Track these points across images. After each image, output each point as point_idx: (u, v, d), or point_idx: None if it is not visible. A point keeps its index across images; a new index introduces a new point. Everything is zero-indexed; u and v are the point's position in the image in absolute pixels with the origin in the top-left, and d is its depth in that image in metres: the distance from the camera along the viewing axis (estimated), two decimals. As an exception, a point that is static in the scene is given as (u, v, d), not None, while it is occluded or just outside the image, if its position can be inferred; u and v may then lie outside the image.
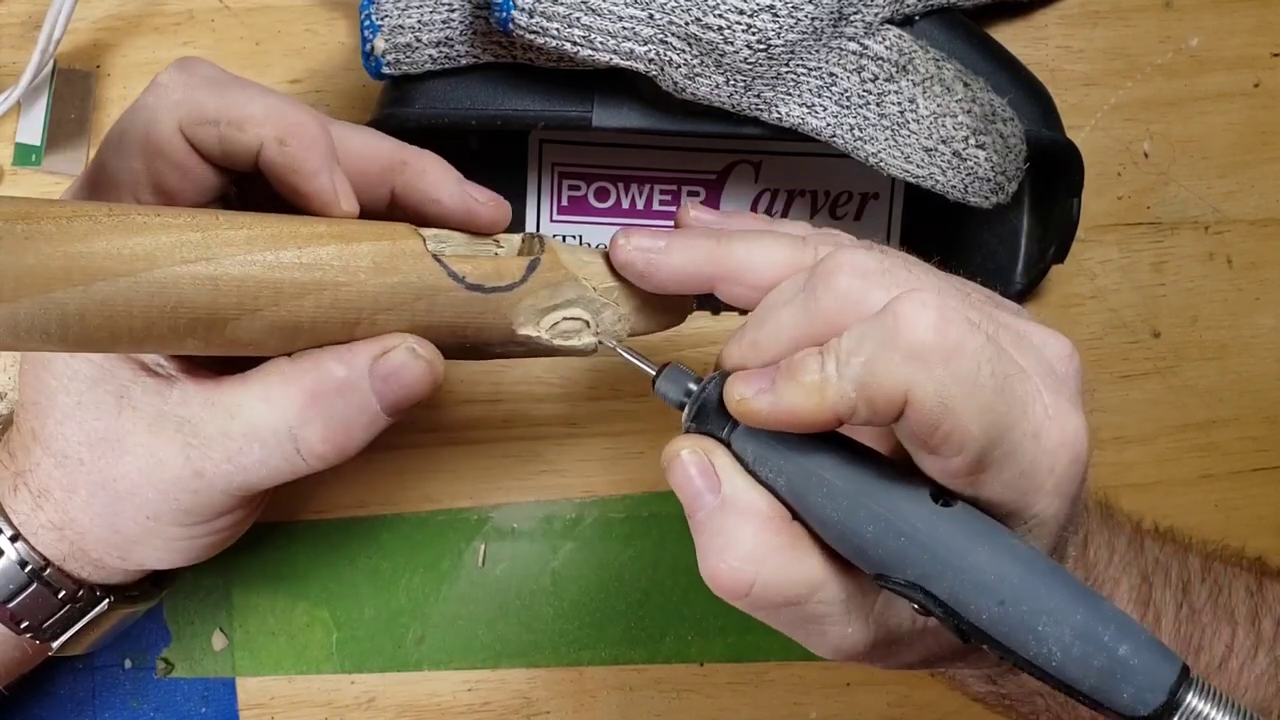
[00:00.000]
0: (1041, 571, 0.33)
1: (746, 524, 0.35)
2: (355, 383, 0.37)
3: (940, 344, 0.32)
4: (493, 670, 0.56)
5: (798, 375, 0.33)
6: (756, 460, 0.36)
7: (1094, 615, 0.32)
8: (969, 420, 0.32)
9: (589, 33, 0.44)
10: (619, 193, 0.52)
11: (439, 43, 0.47)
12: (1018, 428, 0.33)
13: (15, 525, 0.40)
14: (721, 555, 0.35)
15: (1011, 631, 0.32)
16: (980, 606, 0.32)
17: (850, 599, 0.35)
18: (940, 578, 0.33)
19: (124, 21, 0.51)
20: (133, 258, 0.34)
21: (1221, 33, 0.55)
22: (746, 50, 0.43)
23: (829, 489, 0.34)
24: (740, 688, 0.57)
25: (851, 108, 0.46)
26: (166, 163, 0.37)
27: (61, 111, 0.50)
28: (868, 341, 0.32)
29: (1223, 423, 0.58)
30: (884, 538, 0.33)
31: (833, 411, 0.33)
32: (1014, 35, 0.54)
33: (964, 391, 0.32)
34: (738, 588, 0.35)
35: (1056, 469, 0.34)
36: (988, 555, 0.33)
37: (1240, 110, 0.56)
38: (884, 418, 0.33)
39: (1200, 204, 0.56)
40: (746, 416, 0.34)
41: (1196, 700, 0.32)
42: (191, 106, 0.37)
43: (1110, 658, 0.32)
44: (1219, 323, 0.57)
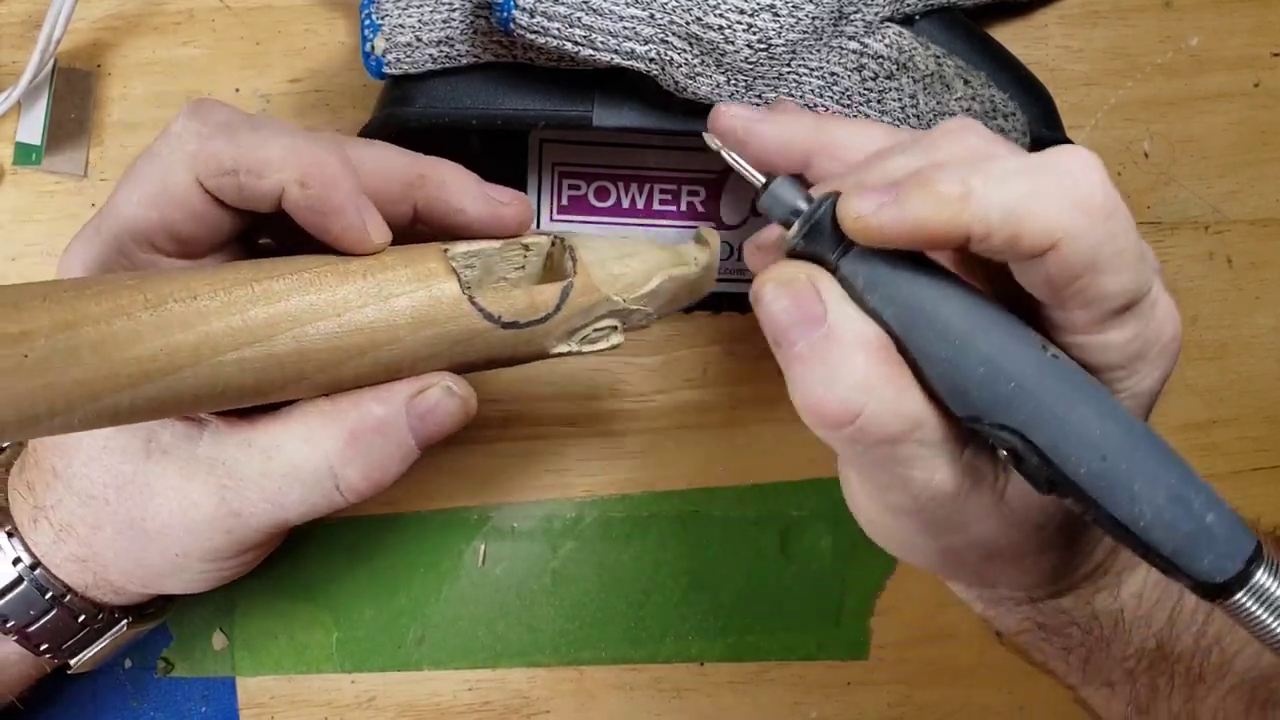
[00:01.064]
0: (1141, 433, 0.33)
1: (857, 353, 0.33)
2: (393, 421, 0.37)
3: (1105, 202, 0.32)
4: (493, 670, 0.56)
5: (933, 184, 0.32)
6: (867, 286, 0.34)
7: (1187, 481, 0.33)
8: (1109, 279, 0.32)
9: (590, 32, 0.44)
10: (619, 192, 0.52)
11: (439, 42, 0.47)
12: (1145, 295, 0.33)
13: (36, 555, 0.41)
14: (829, 385, 0.33)
15: (1109, 488, 0.32)
16: (1081, 459, 0.32)
17: (945, 442, 0.35)
18: (1044, 426, 0.32)
19: (124, 21, 0.51)
20: (177, 355, 0.34)
21: (1221, 32, 0.55)
22: (747, 50, 0.43)
23: (941, 324, 0.33)
24: (740, 687, 0.57)
25: (853, 106, 0.46)
26: (184, 213, 0.37)
27: (62, 111, 0.50)
28: (1030, 177, 0.32)
29: (1223, 423, 0.58)
30: (992, 380, 0.33)
31: (966, 228, 0.32)
32: (1014, 35, 0.54)
33: (1113, 250, 0.32)
34: (843, 417, 0.33)
35: (1162, 340, 0.35)
36: (1093, 410, 0.33)
37: (1240, 110, 0.56)
38: (1017, 253, 0.32)
39: (1200, 204, 0.56)
40: (863, 232, 0.33)
41: (1266, 577, 0.33)
42: (207, 158, 0.36)
43: (1197, 524, 0.32)
44: (1219, 322, 0.57)
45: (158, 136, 0.37)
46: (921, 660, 0.57)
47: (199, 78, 0.51)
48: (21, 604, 0.41)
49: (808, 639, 0.56)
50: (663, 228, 0.53)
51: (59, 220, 0.51)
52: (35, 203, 0.51)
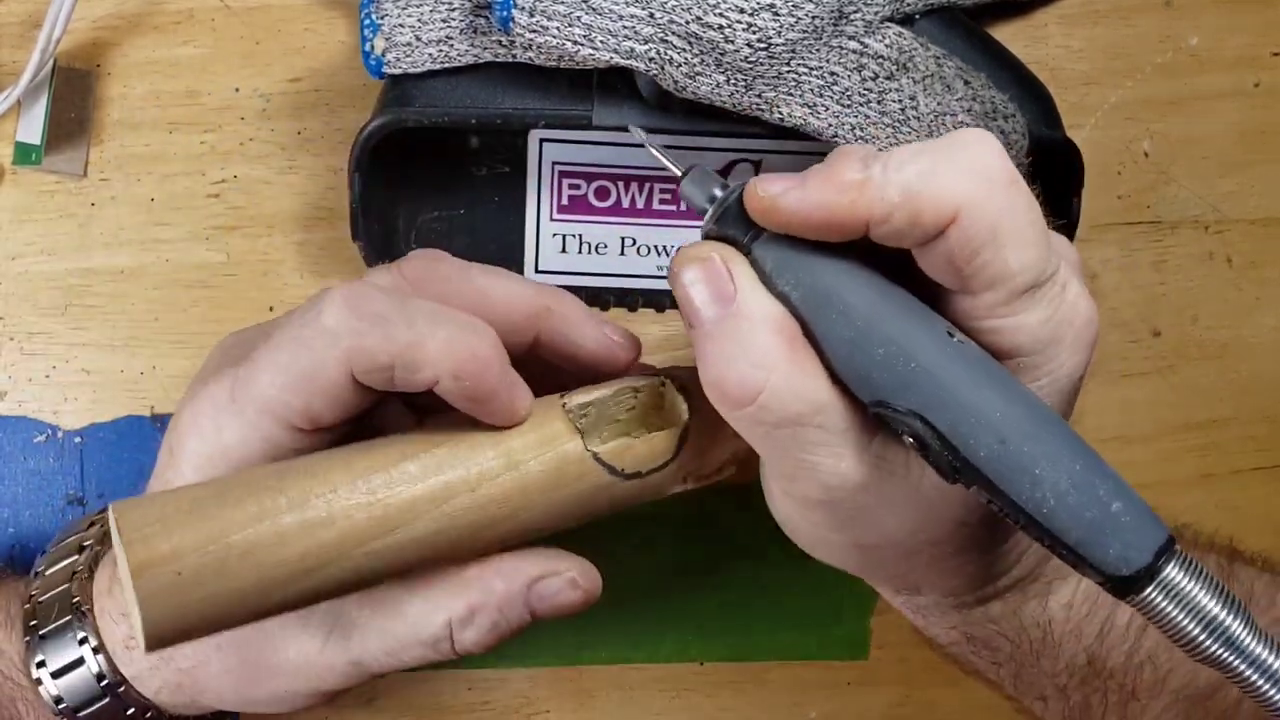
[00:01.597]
0: (1046, 418, 0.33)
1: (761, 330, 0.34)
2: (515, 599, 0.39)
3: (1004, 171, 0.32)
4: (493, 670, 0.56)
5: (835, 172, 0.33)
6: (775, 269, 0.35)
7: (1092, 468, 0.32)
8: (1012, 254, 0.32)
9: (589, 32, 0.44)
10: (619, 192, 0.52)
11: (439, 41, 0.47)
12: (1051, 275, 0.33)
13: (124, 674, 0.40)
14: (732, 361, 0.34)
15: (1008, 471, 0.32)
16: (980, 442, 0.32)
17: (850, 429, 0.35)
18: (944, 408, 0.32)
19: (124, 20, 0.51)
20: (323, 553, 0.35)
21: (1221, 32, 0.55)
22: (747, 49, 0.43)
23: (844, 306, 0.34)
24: (740, 687, 0.56)
25: (853, 106, 0.46)
26: (328, 401, 0.37)
27: (61, 110, 0.50)
28: (926, 155, 0.32)
29: (1223, 422, 0.57)
30: (893, 361, 0.33)
31: (867, 213, 0.32)
32: (1014, 34, 0.54)
33: (1015, 224, 0.32)
34: (745, 394, 0.34)
35: (1076, 324, 0.34)
36: (995, 393, 0.32)
37: (1240, 110, 0.56)
38: (920, 233, 0.32)
39: (1200, 203, 0.56)
40: (768, 214, 0.34)
41: (1177, 571, 0.32)
42: (363, 355, 0.36)
43: (1103, 512, 0.31)
44: (1219, 322, 0.57)
45: (307, 321, 0.37)
46: (922, 660, 0.57)
47: (199, 77, 0.51)
48: (81, 688, 0.41)
49: (808, 639, 0.56)
50: (662, 227, 0.53)
51: (58, 220, 0.51)
52: (35, 202, 0.51)
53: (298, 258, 0.52)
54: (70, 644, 0.41)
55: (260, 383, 0.37)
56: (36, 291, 0.52)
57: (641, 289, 0.53)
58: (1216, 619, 0.31)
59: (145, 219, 0.52)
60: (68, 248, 0.52)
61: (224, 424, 0.38)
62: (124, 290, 0.52)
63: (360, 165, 0.47)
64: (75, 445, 0.52)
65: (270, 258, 0.52)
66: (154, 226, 0.52)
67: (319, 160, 0.52)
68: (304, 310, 0.38)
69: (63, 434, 0.52)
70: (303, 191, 0.52)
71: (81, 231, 0.52)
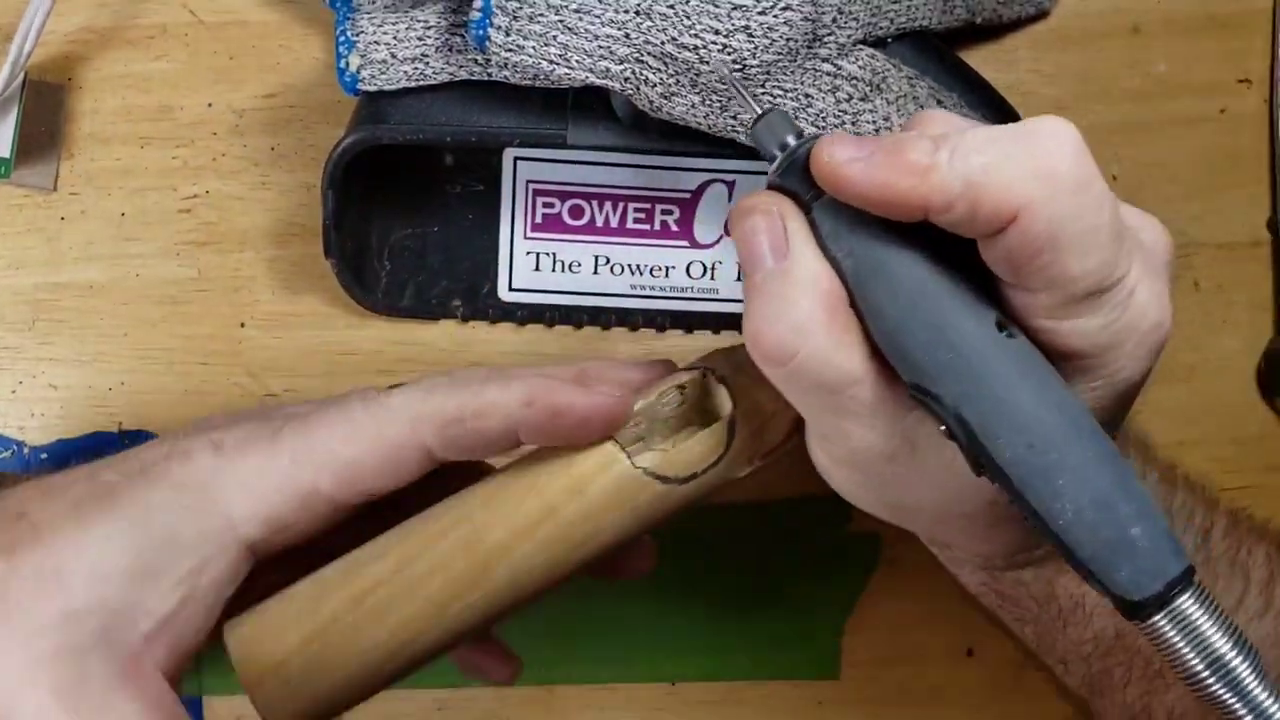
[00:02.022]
0: (1081, 428, 0.32)
1: (805, 295, 0.33)
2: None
3: (1075, 173, 0.31)
4: (463, 689, 0.55)
5: (903, 151, 0.31)
6: (831, 234, 0.34)
7: (1118, 486, 0.31)
8: (1074, 260, 0.31)
9: (565, 51, 0.44)
10: (593, 210, 0.53)
11: (414, 59, 0.47)
12: (1118, 281, 0.32)
13: None
14: (773, 320, 0.33)
15: (1030, 477, 0.31)
16: (1007, 443, 0.31)
17: (883, 405, 0.34)
18: (976, 401, 0.32)
19: (96, 34, 0.51)
20: (411, 625, 0.37)
21: (1188, 59, 0.56)
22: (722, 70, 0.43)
23: (895, 282, 0.33)
24: (712, 707, 0.56)
25: (827, 128, 0.46)
26: (383, 460, 0.37)
27: (32, 124, 0.50)
28: (997, 145, 0.31)
29: (1191, 444, 0.58)
30: (934, 347, 0.32)
31: (926, 199, 0.31)
32: (985, 59, 0.54)
33: (1080, 229, 0.31)
34: (780, 355, 0.34)
35: (1140, 330, 0.33)
36: (1032, 394, 0.32)
37: (1207, 135, 0.57)
38: (980, 227, 0.31)
39: (1168, 227, 0.57)
40: (830, 180, 0.33)
41: (1191, 603, 0.31)
42: (432, 412, 0.37)
43: (1120, 533, 0.31)
44: (1187, 345, 0.57)
45: (367, 395, 0.38)
46: (893, 680, 0.57)
47: (171, 92, 0.51)
48: None
49: (779, 658, 0.56)
50: (636, 246, 0.53)
51: (27, 234, 0.51)
52: (3, 216, 0.51)
53: (269, 274, 0.52)
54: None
55: (318, 432, 0.37)
56: (3, 306, 0.51)
57: (615, 307, 0.53)
58: (1223, 658, 0.31)
59: (115, 234, 0.51)
60: (36, 262, 0.51)
61: (266, 468, 0.37)
62: (93, 305, 0.51)
63: (334, 182, 0.47)
64: (41, 461, 0.52)
65: (242, 273, 0.52)
66: (124, 241, 0.51)
67: (292, 176, 0.52)
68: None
69: (29, 450, 0.52)
70: (275, 208, 0.52)
71: (50, 246, 0.51)
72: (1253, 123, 0.57)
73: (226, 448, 0.37)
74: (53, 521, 0.36)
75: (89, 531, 0.36)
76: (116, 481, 0.37)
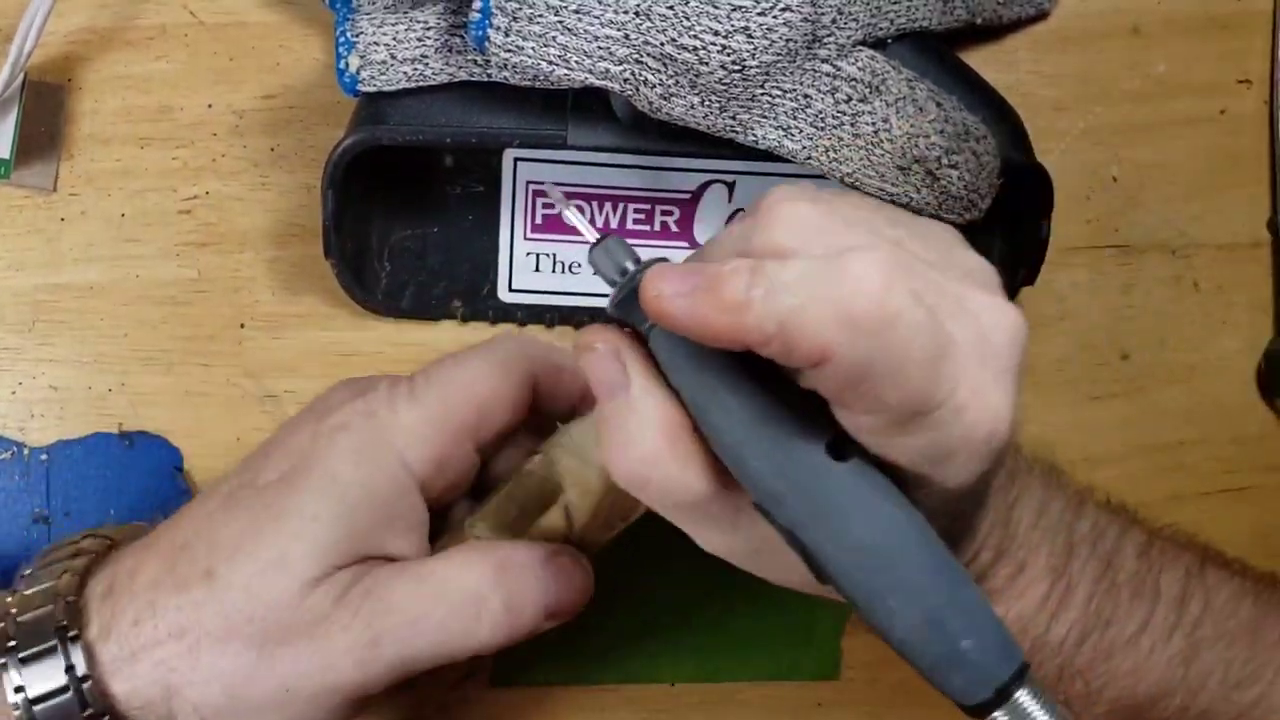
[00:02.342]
0: (916, 547, 0.33)
1: (647, 428, 0.35)
2: (534, 567, 0.41)
3: (878, 314, 0.31)
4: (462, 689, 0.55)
5: (720, 288, 0.32)
6: (668, 362, 0.35)
7: (949, 604, 0.33)
8: (889, 391, 0.32)
9: (564, 52, 0.44)
10: (593, 211, 0.53)
11: (414, 60, 0.47)
12: (939, 404, 0.32)
13: (98, 663, 0.39)
14: (623, 453, 0.35)
15: (864, 598, 0.33)
16: (841, 565, 0.33)
17: (737, 514, 0.36)
18: (810, 529, 0.33)
19: (96, 35, 0.51)
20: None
21: (1188, 60, 0.56)
22: (721, 71, 0.43)
23: (728, 412, 0.34)
24: (711, 708, 0.56)
25: (826, 129, 0.46)
26: (504, 405, 0.42)
27: (31, 125, 0.50)
28: (805, 285, 0.31)
29: (1191, 444, 0.58)
30: (768, 475, 0.34)
31: (744, 336, 0.32)
32: (985, 60, 0.54)
33: (890, 365, 0.31)
34: (635, 483, 0.36)
35: (972, 443, 0.33)
36: (863, 523, 0.33)
37: (1207, 136, 0.57)
38: (795, 364, 0.32)
39: (1168, 228, 0.57)
40: (658, 315, 0.33)
41: (1027, 699, 0.33)
42: (545, 359, 0.43)
43: (950, 647, 0.33)
44: (1187, 345, 0.57)
45: (492, 346, 0.44)
46: (893, 681, 0.57)
47: (171, 93, 0.51)
48: (57, 713, 0.39)
49: (779, 659, 0.56)
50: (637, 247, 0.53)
51: (27, 235, 0.51)
52: (3, 217, 0.51)
53: (269, 275, 0.52)
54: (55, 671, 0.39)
55: (444, 375, 0.41)
56: (3, 307, 0.51)
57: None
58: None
59: (115, 234, 0.51)
60: (36, 263, 0.51)
61: (400, 408, 0.41)
62: (93, 306, 0.51)
63: (334, 183, 0.47)
64: (41, 463, 0.52)
65: (242, 274, 0.52)
66: (124, 242, 0.51)
67: (292, 177, 0.52)
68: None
69: (29, 451, 0.52)
70: (275, 208, 0.52)
71: (50, 247, 0.51)
72: (1253, 123, 0.57)
73: (378, 411, 0.41)
74: (244, 533, 0.40)
75: (293, 514, 0.39)
76: (288, 470, 0.40)
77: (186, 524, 0.40)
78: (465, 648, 0.40)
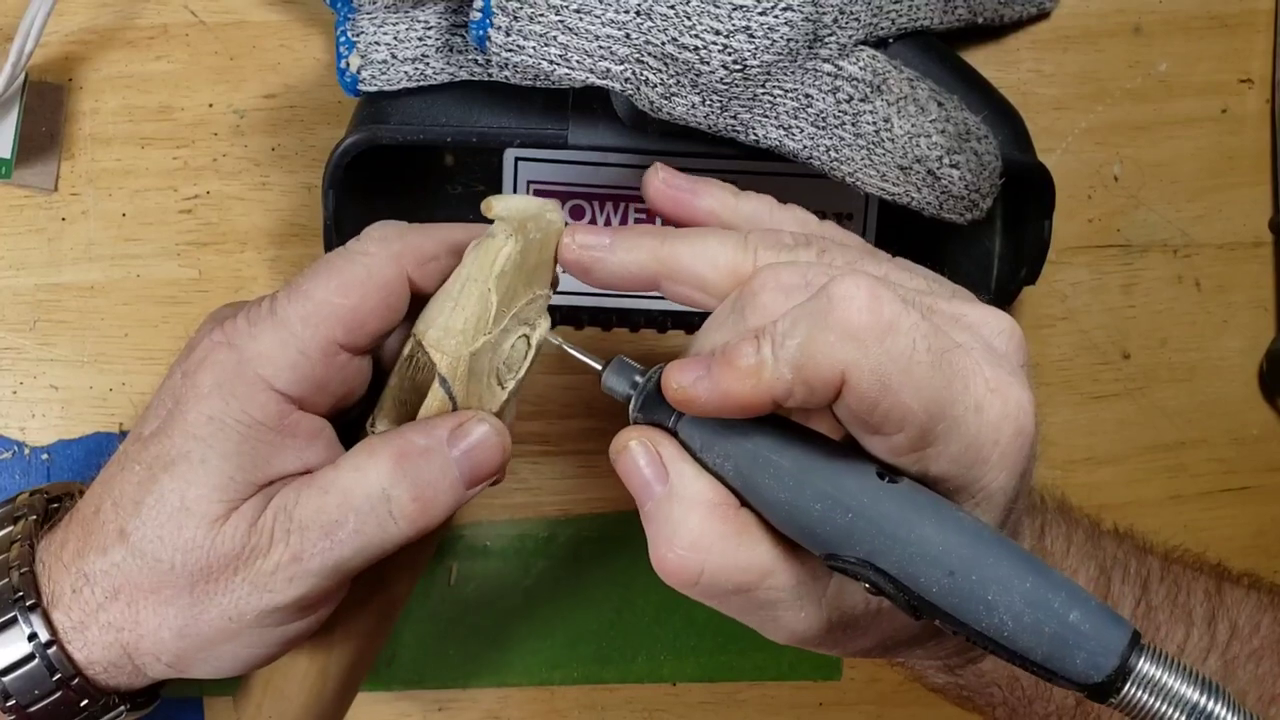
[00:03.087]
0: (988, 542, 0.33)
1: (693, 512, 0.35)
2: (437, 449, 0.39)
3: (874, 323, 0.32)
4: (464, 690, 0.55)
5: (733, 360, 0.34)
6: (703, 447, 0.36)
7: (1043, 582, 0.32)
8: (908, 396, 0.32)
9: (565, 51, 0.44)
10: (594, 211, 0.53)
11: (414, 60, 0.47)
12: (959, 402, 0.33)
13: (57, 632, 0.39)
14: (670, 544, 0.35)
15: (962, 602, 0.32)
16: (930, 579, 0.33)
17: (801, 584, 0.36)
18: (888, 552, 0.33)
19: (97, 35, 0.51)
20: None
21: (1190, 59, 0.56)
22: (723, 71, 0.43)
23: (775, 469, 0.35)
24: (712, 708, 0.56)
25: (827, 128, 0.46)
26: (378, 302, 0.39)
27: (32, 124, 0.50)
28: (802, 324, 0.33)
29: (1192, 444, 0.58)
30: (831, 514, 0.34)
31: (769, 394, 0.33)
32: (986, 59, 0.54)
33: (900, 368, 0.32)
34: (686, 576, 0.35)
35: (1001, 441, 0.34)
36: (934, 527, 0.33)
37: (1208, 135, 0.57)
38: (821, 399, 0.33)
39: (1169, 227, 0.57)
40: (685, 404, 0.35)
41: (1149, 665, 0.32)
42: (414, 250, 0.40)
43: (1061, 623, 0.32)
44: (1188, 345, 0.57)
45: (349, 244, 0.40)
46: (893, 681, 0.57)
47: (172, 92, 0.51)
48: (27, 682, 0.40)
49: (780, 659, 0.56)
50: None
51: (28, 234, 0.51)
52: (4, 216, 0.51)
53: (270, 274, 0.52)
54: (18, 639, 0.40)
55: (305, 290, 0.39)
56: (4, 306, 0.51)
57: (616, 308, 0.53)
58: (1198, 705, 0.32)
59: (116, 234, 0.51)
60: (37, 262, 0.51)
61: (258, 334, 0.39)
62: (94, 306, 0.51)
63: (334, 182, 0.47)
64: (42, 462, 0.52)
65: (243, 274, 0.52)
66: (125, 242, 0.51)
67: (293, 177, 0.52)
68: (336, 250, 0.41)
69: (29, 450, 0.52)
70: (276, 208, 0.52)
71: (51, 246, 0.51)
72: (1254, 123, 0.57)
73: (238, 341, 0.39)
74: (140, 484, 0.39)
75: (180, 461, 0.39)
76: (165, 416, 0.40)
77: (97, 489, 0.40)
78: (390, 543, 0.39)
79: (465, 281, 0.39)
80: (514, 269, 0.39)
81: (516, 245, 0.39)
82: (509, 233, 0.39)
